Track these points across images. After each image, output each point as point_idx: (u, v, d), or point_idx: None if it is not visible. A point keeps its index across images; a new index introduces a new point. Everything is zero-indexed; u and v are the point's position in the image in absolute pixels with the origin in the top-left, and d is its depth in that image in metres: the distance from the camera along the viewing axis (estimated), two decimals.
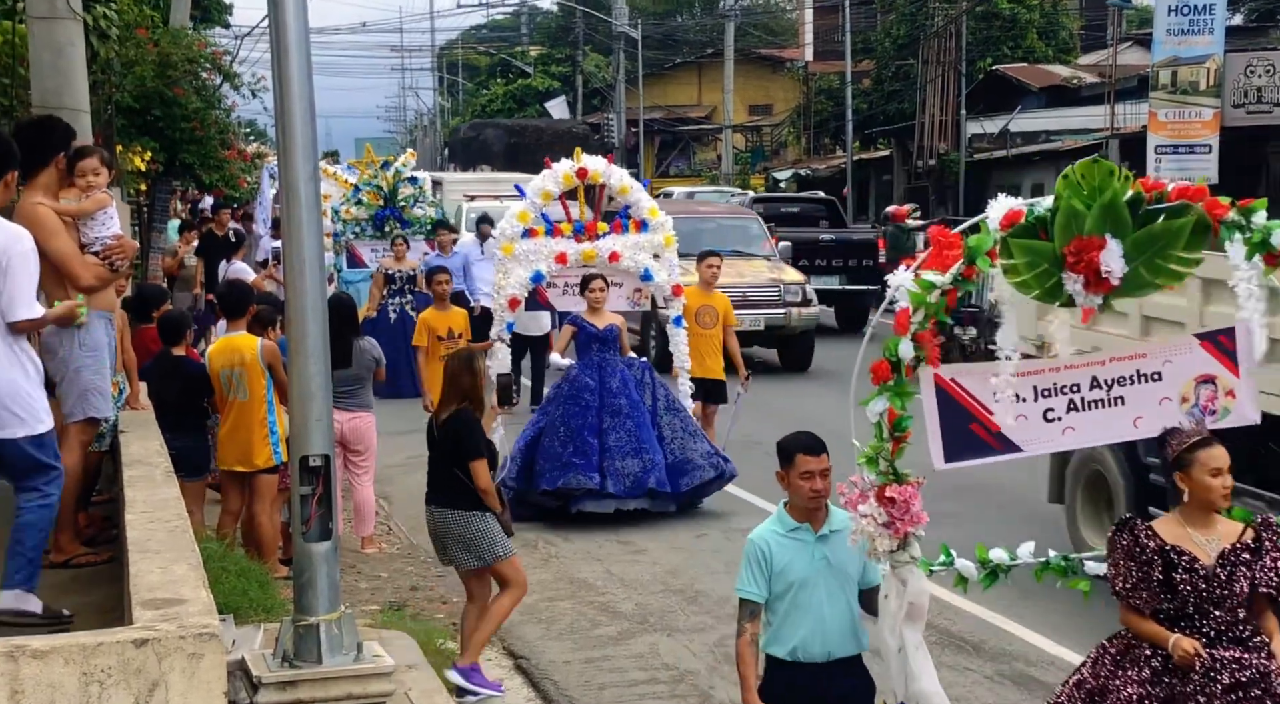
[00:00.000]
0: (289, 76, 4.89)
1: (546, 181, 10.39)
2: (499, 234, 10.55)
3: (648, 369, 10.23)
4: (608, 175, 10.50)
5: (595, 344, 9.94)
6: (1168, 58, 23.15)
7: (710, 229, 18.18)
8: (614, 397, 9.78)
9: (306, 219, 4.95)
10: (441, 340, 10.80)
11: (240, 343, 7.82)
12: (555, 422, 9.82)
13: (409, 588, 8.52)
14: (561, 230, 10.45)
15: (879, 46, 39.94)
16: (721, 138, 47.12)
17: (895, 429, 4.14)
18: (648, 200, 10.80)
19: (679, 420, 10.04)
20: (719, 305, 11.08)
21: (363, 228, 16.80)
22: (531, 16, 62.76)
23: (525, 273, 10.37)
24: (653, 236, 10.68)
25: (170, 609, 3.80)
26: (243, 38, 23.19)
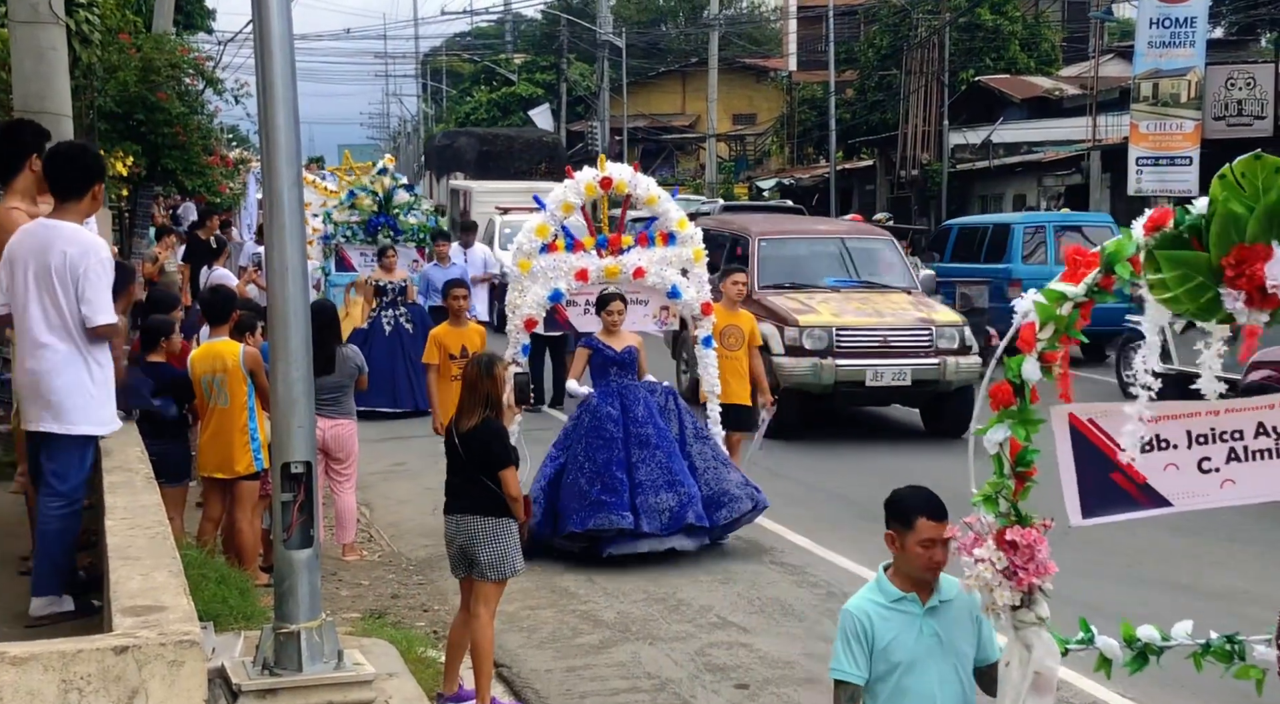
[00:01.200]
0: (273, 82, 4.88)
1: (567, 192, 9.50)
2: (515, 249, 9.74)
3: (671, 394, 9.41)
4: (633, 185, 9.63)
5: (613, 368, 9.12)
6: (1149, 70, 23.30)
7: (826, 253, 15.08)
8: (640, 426, 8.98)
9: (289, 225, 4.94)
10: (454, 359, 9.85)
11: (223, 349, 7.79)
12: (578, 458, 8.98)
13: (390, 596, 8.49)
14: (583, 245, 9.67)
15: (862, 57, 40.08)
16: (705, 147, 47.19)
17: (1018, 463, 3.59)
18: (676, 211, 9.92)
19: (709, 449, 9.31)
20: (744, 325, 10.34)
21: (354, 231, 16.55)
22: (516, 24, 62.79)
23: (543, 291, 9.57)
24: (681, 250, 9.80)
25: (150, 616, 3.78)
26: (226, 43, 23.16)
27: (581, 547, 8.97)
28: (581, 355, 9.25)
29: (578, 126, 52.08)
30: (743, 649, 7.42)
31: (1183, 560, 9.43)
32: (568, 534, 8.91)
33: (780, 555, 9.34)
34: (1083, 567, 8.98)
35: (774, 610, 8.11)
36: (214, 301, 8.26)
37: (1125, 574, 8.96)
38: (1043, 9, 38.33)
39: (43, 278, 5.36)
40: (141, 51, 15.06)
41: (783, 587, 8.58)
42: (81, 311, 5.34)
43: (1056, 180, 29.97)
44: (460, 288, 10.31)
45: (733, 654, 7.35)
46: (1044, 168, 30.37)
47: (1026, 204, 30.44)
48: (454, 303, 10.18)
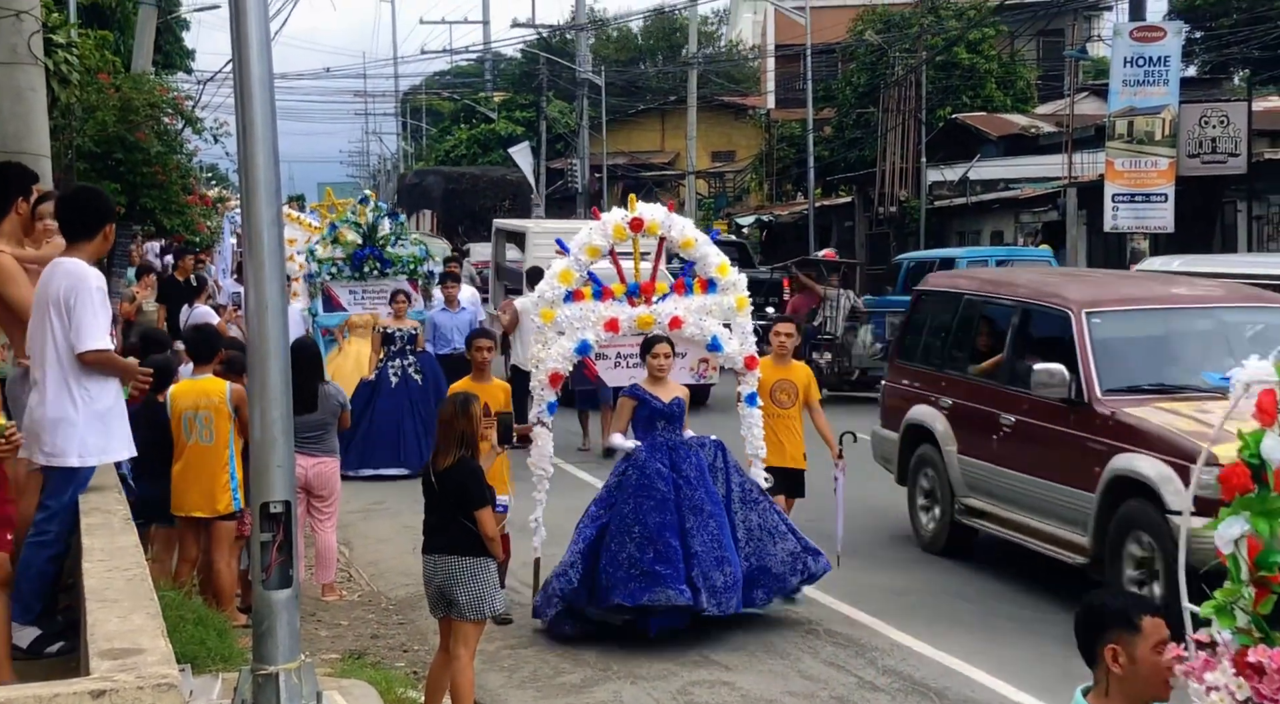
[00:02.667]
0: (252, 121, 4.88)
1: (594, 235, 8.62)
2: (537, 297, 8.80)
3: (720, 450, 8.45)
4: (667, 226, 8.70)
5: (660, 422, 8.22)
6: (1124, 108, 23.49)
7: (1196, 332, 9.53)
8: (692, 489, 8.05)
9: (269, 263, 4.92)
10: None
11: (208, 386, 7.75)
12: (625, 519, 7.99)
13: (370, 636, 8.44)
14: (612, 292, 8.72)
15: (840, 95, 40.33)
16: (685, 184, 47.35)
17: (1259, 566, 2.90)
18: (716, 255, 8.88)
19: (756, 516, 8.36)
20: (798, 379, 9.36)
21: (340, 268, 15.04)
22: (495, 63, 63.02)
23: (569, 343, 8.60)
24: (722, 298, 8.82)
25: (128, 659, 3.74)
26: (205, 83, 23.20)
27: (624, 619, 8.06)
28: (625, 407, 8.34)
29: (558, 164, 52.21)
30: (725, 688, 7.39)
31: None
32: (613, 606, 7.95)
33: None
34: (1066, 601, 8.98)
35: (756, 648, 8.09)
36: (199, 339, 8.24)
37: None
38: (1018, 48, 38.68)
39: (45, 314, 5.42)
40: (120, 91, 15.09)
41: (764, 624, 8.55)
42: (69, 338, 5.34)
43: (1034, 217, 30.15)
44: (485, 339, 9.18)
45: (715, 693, 7.32)
46: (1021, 204, 30.56)
47: (1004, 240, 30.62)
48: (477, 356, 8.98)
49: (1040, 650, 7.99)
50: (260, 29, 4.95)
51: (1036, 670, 7.64)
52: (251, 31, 4.89)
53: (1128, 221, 23.39)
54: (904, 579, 9.72)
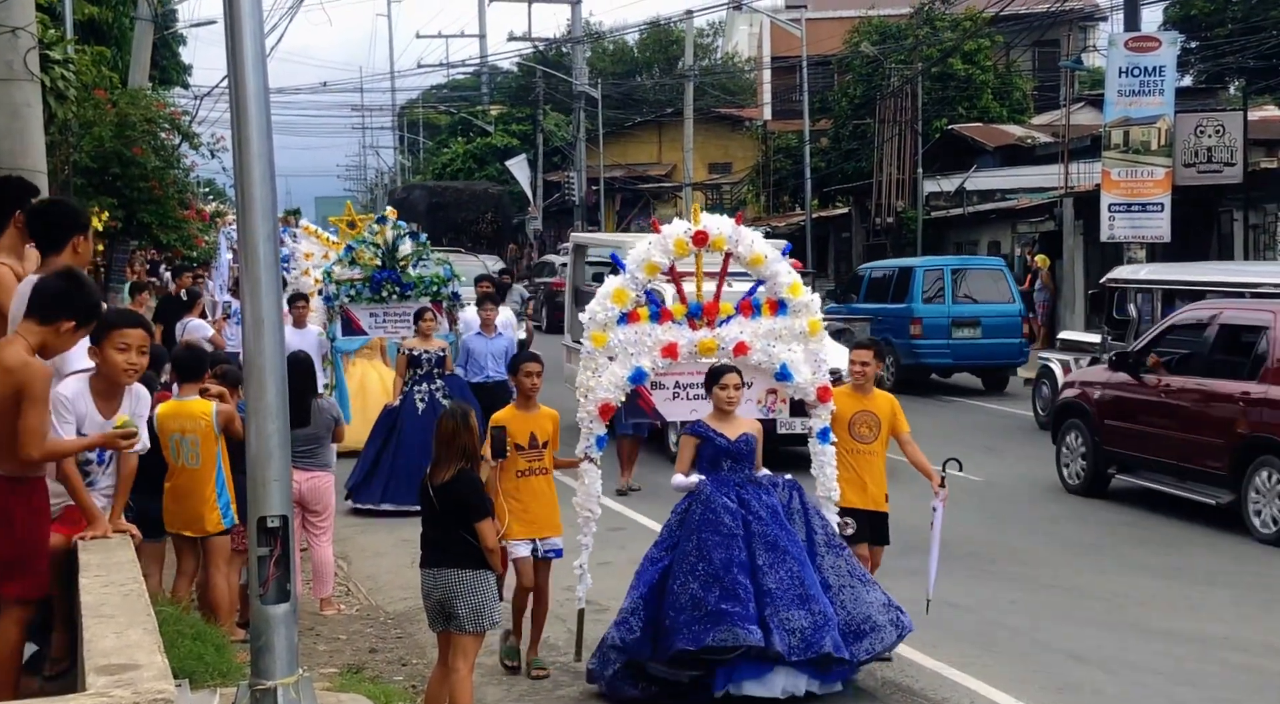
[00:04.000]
0: (248, 136, 4.89)
1: (652, 250, 7.71)
2: (588, 319, 7.81)
3: (796, 490, 7.55)
4: (734, 240, 7.79)
5: (726, 461, 7.34)
6: (1119, 118, 23.54)
7: None
8: (764, 524, 7.18)
9: (265, 279, 4.93)
10: (521, 450, 7.78)
11: (194, 408, 7.66)
12: (688, 557, 7.10)
13: (368, 650, 8.43)
14: (671, 314, 7.81)
15: (836, 106, 40.42)
16: (682, 195, 47.41)
17: None
18: (788, 274, 7.95)
19: (844, 562, 7.46)
20: (881, 410, 8.33)
21: (358, 290, 14.10)
22: (492, 76, 63.15)
23: (622, 370, 7.68)
24: (793, 321, 7.89)
25: (125, 675, 3.74)
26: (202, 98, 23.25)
27: (692, 676, 7.10)
28: (688, 445, 7.44)
29: (555, 177, 52.31)
30: None
31: (1161, 604, 9.45)
32: (676, 655, 7.01)
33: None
34: (1063, 611, 9.00)
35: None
36: (188, 358, 8.11)
37: (1105, 619, 8.96)
38: (1014, 59, 38.76)
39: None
40: (117, 107, 15.14)
41: None
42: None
43: (1030, 227, 30.20)
44: (534, 363, 8.07)
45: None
46: (1018, 215, 30.60)
47: (1000, 250, 30.67)
48: (525, 381, 7.96)
49: (1037, 660, 7.99)
50: (256, 44, 4.97)
51: (1034, 681, 7.64)
52: (247, 47, 4.90)
53: (1124, 231, 23.43)
54: (900, 589, 9.70)
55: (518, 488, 7.73)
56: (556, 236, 48.58)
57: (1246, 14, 33.41)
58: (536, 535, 7.78)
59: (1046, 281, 27.37)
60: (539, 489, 7.81)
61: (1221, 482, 11.70)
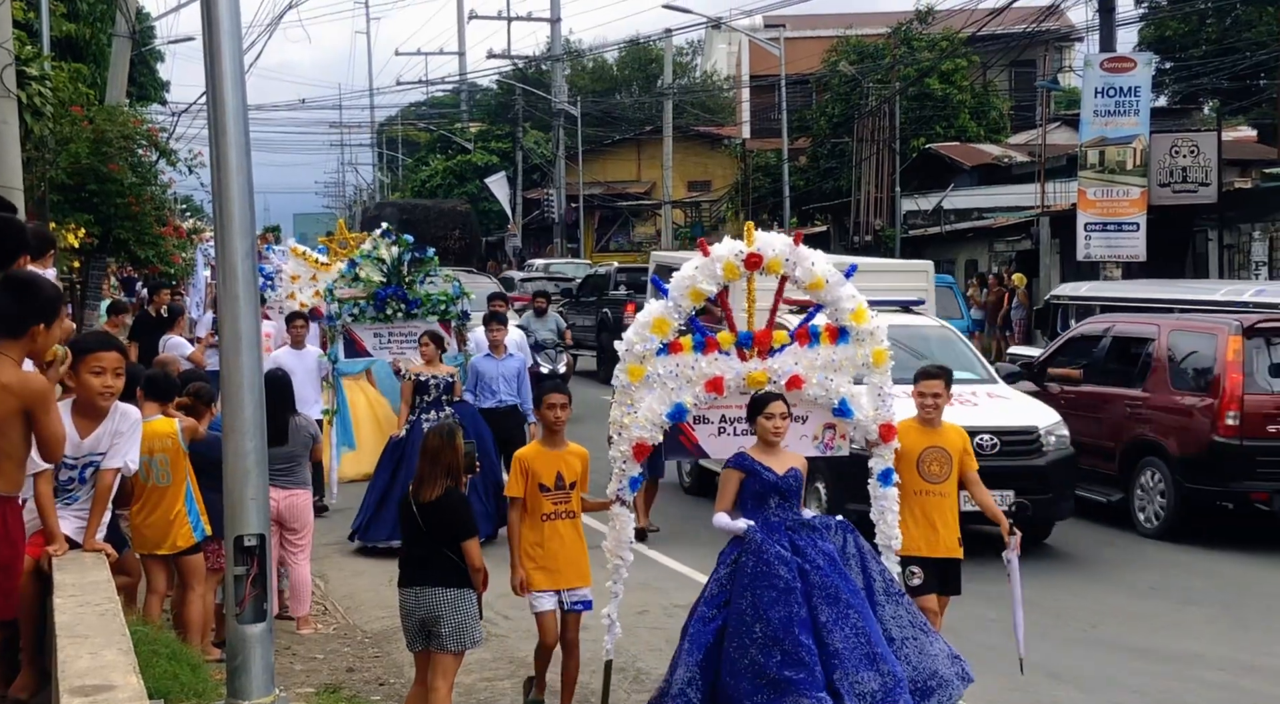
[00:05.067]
0: (227, 153, 4.89)
1: (699, 275, 6.93)
2: (624, 350, 7.02)
3: (849, 532, 6.82)
4: (791, 263, 7.02)
5: (774, 498, 6.64)
6: (1095, 138, 23.71)
7: None
8: (822, 574, 6.47)
9: (243, 295, 4.92)
10: (547, 492, 7.12)
11: (159, 427, 7.54)
12: (744, 617, 6.39)
13: (345, 669, 8.38)
14: (718, 344, 7.04)
15: (815, 125, 40.59)
16: (661, 213, 47.50)
17: None
18: (850, 298, 7.11)
19: (905, 611, 6.77)
20: (952, 445, 7.60)
21: (361, 308, 13.14)
22: (471, 93, 63.22)
23: (661, 406, 6.92)
24: (854, 350, 7.10)
25: (99, 696, 3.71)
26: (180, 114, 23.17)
27: None
28: (732, 480, 6.72)
29: (534, 194, 52.35)
30: None
31: (1139, 623, 9.50)
32: None
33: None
34: (1042, 629, 9.02)
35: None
36: (159, 381, 7.85)
37: (1083, 637, 8.99)
38: (990, 79, 39.01)
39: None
40: (94, 123, 15.08)
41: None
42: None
43: (1007, 246, 30.37)
44: (558, 395, 7.31)
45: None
46: (995, 233, 30.77)
47: (978, 269, 30.82)
48: (549, 414, 7.25)
49: (1018, 680, 8.00)
50: (234, 61, 4.96)
51: (1013, 699, 7.65)
52: (226, 63, 4.90)
53: (1100, 250, 23.58)
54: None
55: (542, 533, 7.08)
56: (535, 254, 48.61)
57: (1220, 35, 33.72)
58: (563, 586, 7.13)
59: (1024, 300, 27.53)
60: (566, 535, 7.14)
61: (1113, 481, 12.74)
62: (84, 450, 5.84)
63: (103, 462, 5.81)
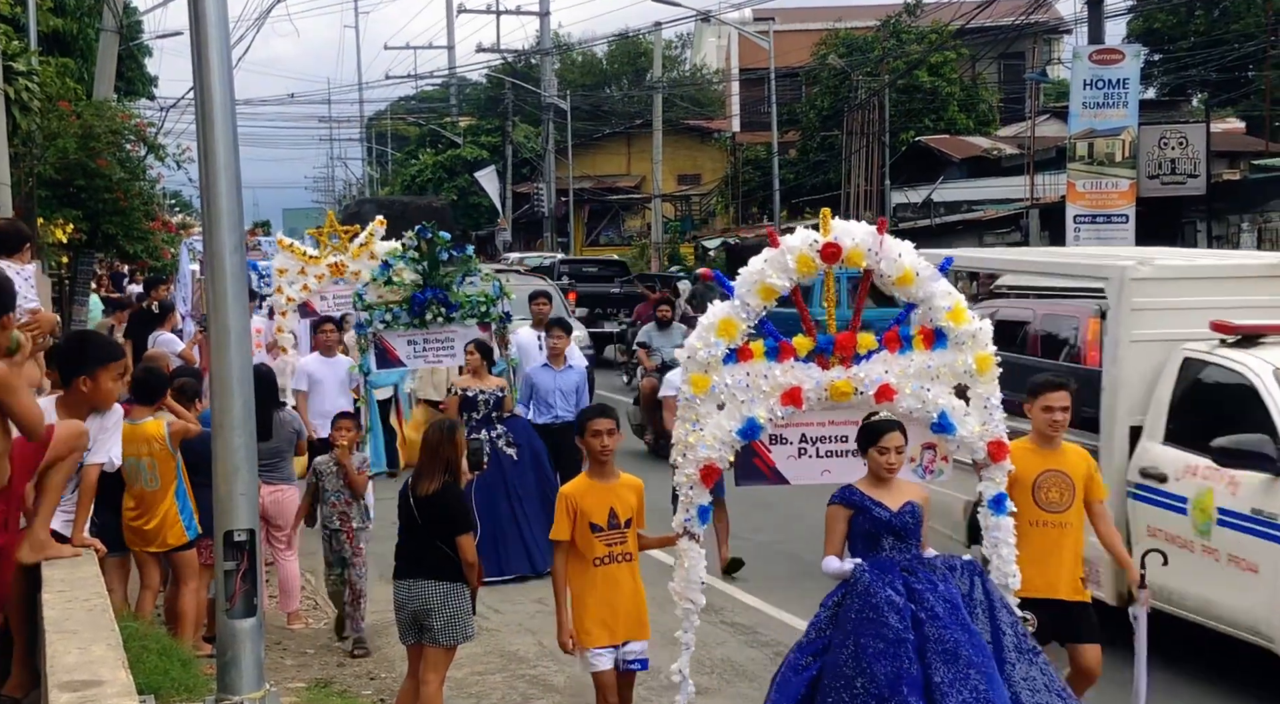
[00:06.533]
0: (214, 147, 4.87)
1: (771, 270, 6.07)
2: (686, 358, 6.13)
3: (979, 576, 5.89)
4: (875, 255, 6.15)
5: (887, 538, 5.75)
6: (1084, 130, 23.74)
7: None
8: (940, 625, 5.54)
9: (231, 291, 4.90)
10: (599, 532, 6.28)
11: (148, 430, 7.50)
12: (842, 669, 5.52)
13: (336, 664, 8.38)
14: (793, 350, 6.13)
15: (804, 118, 40.60)
16: (651, 207, 47.49)
17: None
18: (946, 296, 6.22)
19: (1039, 672, 5.74)
20: (1073, 468, 6.58)
21: (395, 314, 11.63)
22: (460, 88, 63.11)
23: (731, 423, 6.04)
24: (954, 356, 6.19)
25: (88, 691, 3.70)
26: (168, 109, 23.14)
27: None
28: (839, 518, 5.85)
29: (524, 188, 52.30)
30: None
31: None
32: None
33: (729, 615, 9.29)
34: None
35: (725, 671, 8.07)
36: (146, 381, 7.83)
37: None
38: (980, 71, 39.05)
39: None
40: (82, 118, 15.04)
41: (733, 646, 8.53)
42: None
43: (997, 238, 30.40)
44: (603, 419, 6.42)
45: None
46: (984, 226, 30.79)
47: None
48: (594, 443, 6.35)
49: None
50: (222, 55, 4.94)
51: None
52: (213, 58, 4.88)
53: (1090, 242, 23.59)
54: None
55: (594, 580, 6.24)
56: (526, 248, 48.60)
57: (1208, 27, 33.78)
58: (621, 640, 6.29)
59: None
60: (622, 581, 6.28)
61: None
62: None
63: (86, 457, 5.80)
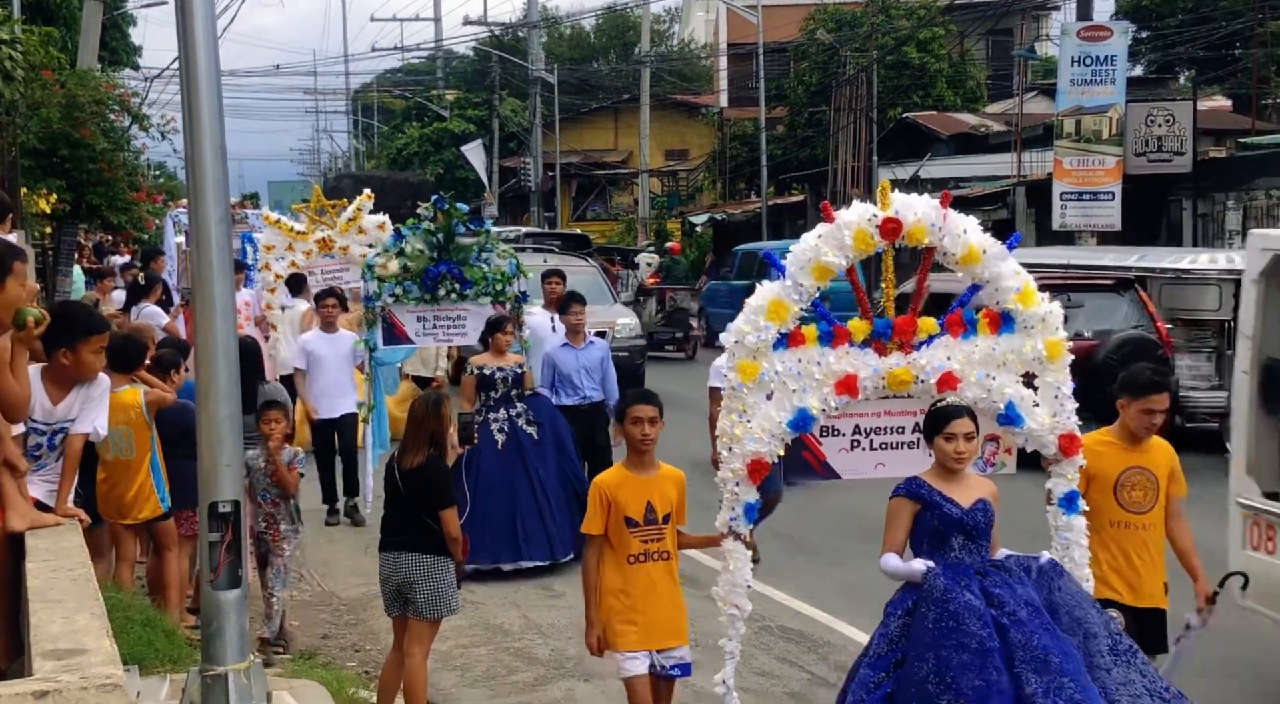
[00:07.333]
0: (199, 118, 4.85)
1: (825, 247, 5.57)
2: (732, 342, 5.60)
3: (1056, 573, 5.40)
4: (938, 231, 5.68)
5: (957, 537, 5.26)
6: (1071, 107, 23.75)
7: None
8: (1026, 631, 5.03)
9: (217, 262, 4.89)
10: (635, 527, 5.84)
11: (123, 398, 7.43)
12: (924, 683, 5.00)
13: (320, 636, 8.40)
14: (849, 334, 5.63)
15: (792, 94, 40.50)
16: (638, 182, 47.39)
17: None
18: (1016, 275, 5.73)
19: (1136, 673, 5.24)
20: (1158, 466, 6.12)
21: (406, 288, 11.14)
22: (447, 61, 62.81)
23: (781, 414, 5.53)
24: (1022, 342, 5.69)
25: (72, 660, 3.70)
26: (152, 79, 22.97)
27: None
28: (903, 512, 5.35)
29: (510, 162, 52.12)
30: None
31: None
32: None
33: (710, 587, 9.29)
34: None
35: (708, 646, 8.10)
36: (122, 348, 7.56)
37: None
38: (968, 48, 38.98)
39: None
40: (65, 88, 14.94)
41: (714, 620, 8.56)
42: None
43: (984, 215, 30.41)
44: (646, 406, 5.93)
45: None
46: (971, 203, 30.76)
47: None
48: (635, 431, 5.88)
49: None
50: (207, 25, 4.92)
51: None
52: (198, 27, 4.85)
53: (1076, 220, 23.65)
54: (856, 574, 9.77)
55: (628, 579, 5.81)
56: (512, 222, 48.47)
57: (1196, 4, 33.71)
58: (656, 646, 5.88)
59: None
60: (658, 581, 5.87)
61: None
62: (56, 417, 5.83)
63: (72, 427, 5.79)
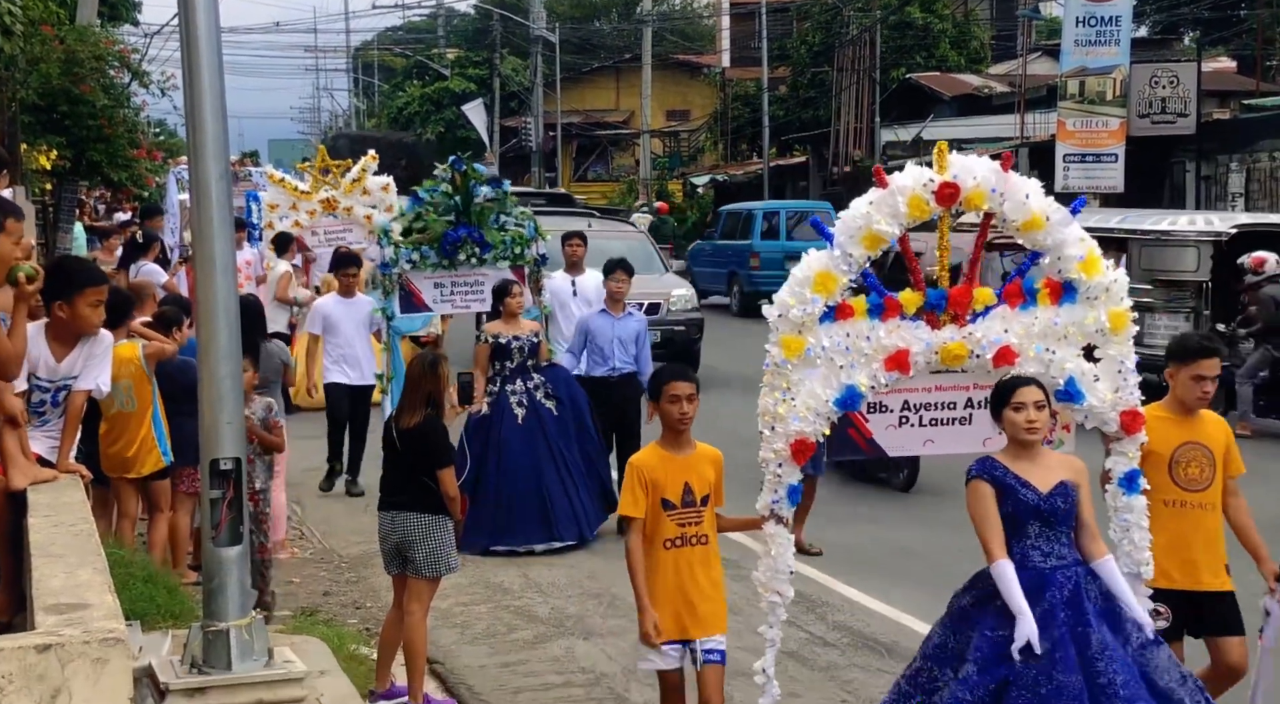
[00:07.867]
0: (199, 75, 4.82)
1: (877, 214, 5.15)
2: (775, 316, 5.17)
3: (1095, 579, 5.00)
4: (998, 194, 5.21)
5: (1034, 525, 4.92)
6: (1075, 68, 23.64)
7: None
8: (1084, 624, 4.80)
9: (217, 219, 4.88)
10: (671, 510, 5.49)
11: (122, 352, 7.43)
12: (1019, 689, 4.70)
13: (321, 593, 8.45)
14: (901, 306, 5.22)
15: (795, 54, 40.29)
16: (639, 143, 47.22)
17: None
18: (1079, 243, 5.29)
19: (1160, 657, 4.92)
20: (1214, 441, 5.78)
21: (424, 254, 10.74)
22: (448, 19, 62.45)
23: (827, 391, 5.15)
24: (1084, 313, 5.28)
25: (74, 614, 3.72)
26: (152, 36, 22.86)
27: None
28: (988, 498, 4.94)
29: (511, 122, 51.92)
30: None
31: None
32: None
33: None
34: None
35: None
36: (114, 301, 7.15)
37: None
38: (972, 7, 38.76)
39: None
40: (65, 43, 14.84)
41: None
42: None
43: None
44: (683, 383, 5.57)
45: None
46: None
47: None
48: (672, 409, 5.52)
49: None
50: None
51: None
52: None
53: (1079, 181, 23.57)
54: (855, 535, 9.81)
55: (663, 564, 5.45)
56: (514, 183, 48.35)
57: None
58: (695, 634, 5.48)
59: None
60: (696, 566, 5.49)
61: None
62: (60, 374, 5.83)
63: (74, 384, 5.80)
